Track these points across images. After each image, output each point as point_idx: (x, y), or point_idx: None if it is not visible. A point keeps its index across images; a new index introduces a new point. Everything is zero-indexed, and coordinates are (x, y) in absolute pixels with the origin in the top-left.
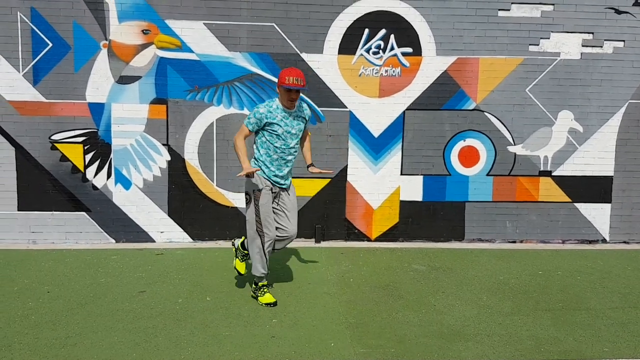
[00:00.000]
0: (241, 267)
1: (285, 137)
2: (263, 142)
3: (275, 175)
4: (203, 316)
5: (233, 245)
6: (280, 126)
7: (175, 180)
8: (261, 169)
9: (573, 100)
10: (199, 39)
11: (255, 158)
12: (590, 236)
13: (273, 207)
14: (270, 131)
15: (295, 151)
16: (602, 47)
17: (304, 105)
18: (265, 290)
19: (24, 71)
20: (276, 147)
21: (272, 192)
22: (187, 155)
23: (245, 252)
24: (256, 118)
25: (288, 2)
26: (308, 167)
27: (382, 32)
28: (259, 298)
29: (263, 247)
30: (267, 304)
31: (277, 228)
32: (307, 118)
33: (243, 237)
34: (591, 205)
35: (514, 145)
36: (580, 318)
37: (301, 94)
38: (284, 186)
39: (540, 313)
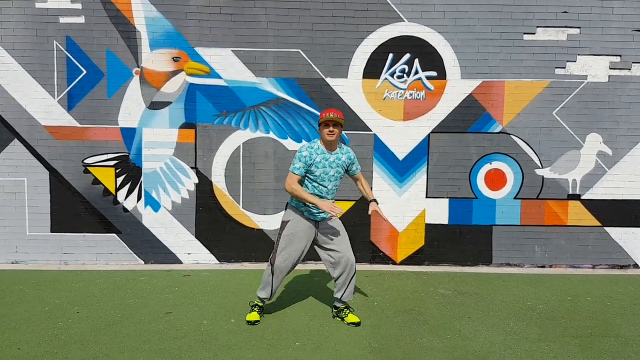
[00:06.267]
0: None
1: (323, 179)
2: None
3: (310, 208)
4: (227, 338)
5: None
6: (318, 167)
7: (203, 202)
8: (295, 201)
9: (601, 123)
10: (227, 66)
11: None
12: (621, 261)
13: (321, 245)
14: (309, 171)
15: (333, 192)
16: (630, 69)
17: (347, 149)
18: (254, 309)
19: (59, 97)
20: (314, 186)
21: (307, 225)
22: (215, 178)
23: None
24: (302, 162)
25: (313, 29)
26: (370, 202)
27: (407, 56)
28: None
29: (272, 275)
30: (248, 321)
31: (330, 262)
32: (348, 162)
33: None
34: (622, 229)
35: (542, 168)
36: (609, 345)
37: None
38: (317, 218)
39: (568, 339)
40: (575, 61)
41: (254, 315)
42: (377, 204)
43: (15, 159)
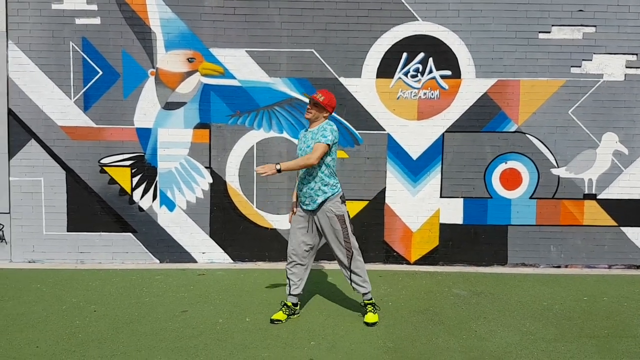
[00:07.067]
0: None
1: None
2: None
3: (298, 195)
4: (243, 337)
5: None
6: (299, 145)
7: (217, 202)
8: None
9: (617, 122)
10: (241, 66)
11: None
12: (637, 261)
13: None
14: None
15: (310, 174)
16: None
17: (327, 125)
18: (282, 308)
19: (75, 98)
20: None
21: (303, 213)
22: (229, 177)
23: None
24: None
25: (327, 29)
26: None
27: (421, 55)
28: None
29: (286, 264)
30: (271, 319)
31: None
32: (315, 137)
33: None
34: (638, 229)
35: (558, 167)
36: (627, 346)
37: (341, 119)
38: (307, 207)
39: (585, 340)
40: (591, 60)
41: (277, 314)
42: (277, 171)
43: (32, 159)
